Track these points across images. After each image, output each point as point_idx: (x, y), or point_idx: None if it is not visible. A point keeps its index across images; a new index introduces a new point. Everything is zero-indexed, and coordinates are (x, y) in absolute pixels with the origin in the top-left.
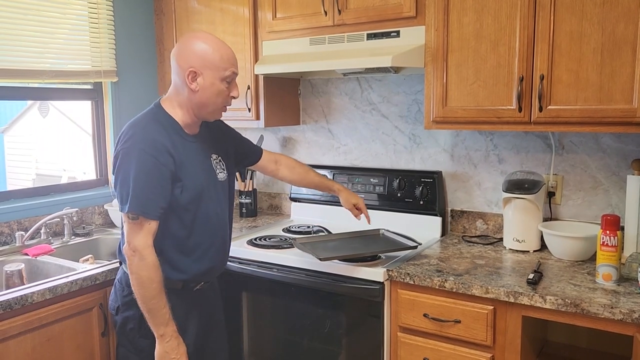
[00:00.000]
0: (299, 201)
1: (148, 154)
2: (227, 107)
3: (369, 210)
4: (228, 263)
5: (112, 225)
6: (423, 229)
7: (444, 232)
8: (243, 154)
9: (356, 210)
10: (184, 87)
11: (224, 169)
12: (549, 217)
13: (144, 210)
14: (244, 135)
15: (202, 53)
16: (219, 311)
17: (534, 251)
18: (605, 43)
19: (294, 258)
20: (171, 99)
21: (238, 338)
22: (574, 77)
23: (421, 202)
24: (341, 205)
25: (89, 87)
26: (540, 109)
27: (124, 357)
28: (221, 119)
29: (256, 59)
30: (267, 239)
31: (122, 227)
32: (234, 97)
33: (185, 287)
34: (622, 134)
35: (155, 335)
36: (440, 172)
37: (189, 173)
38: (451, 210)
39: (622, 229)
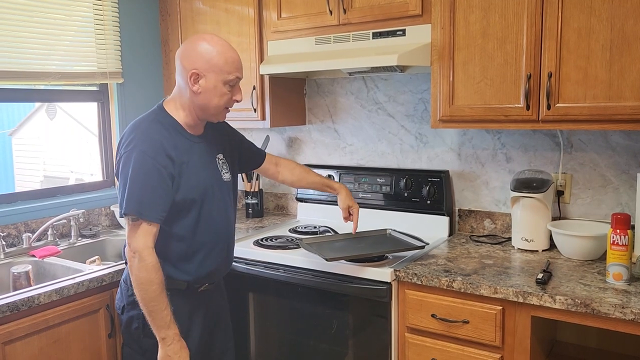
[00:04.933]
0: (305, 201)
1: (147, 156)
2: (230, 108)
3: (375, 210)
4: (234, 263)
5: (118, 226)
6: (430, 228)
7: (451, 232)
8: (247, 157)
9: (348, 213)
10: (187, 89)
11: (228, 170)
12: (558, 216)
13: (142, 212)
14: (249, 137)
15: (207, 55)
16: (225, 312)
17: (543, 251)
18: (615, 39)
19: (300, 258)
20: (175, 99)
21: (245, 338)
22: (583, 74)
23: (428, 202)
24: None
25: (94, 88)
26: (549, 107)
27: (129, 357)
28: (227, 120)
29: (261, 59)
30: (273, 240)
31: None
32: (237, 101)
33: (190, 288)
34: (632, 131)
35: (157, 339)
36: (447, 171)
37: (192, 174)
38: (458, 210)
39: (633, 227)
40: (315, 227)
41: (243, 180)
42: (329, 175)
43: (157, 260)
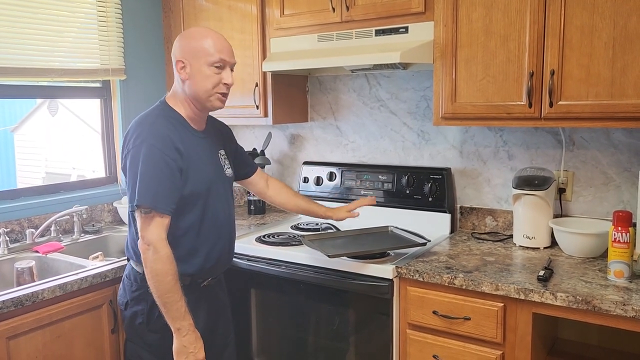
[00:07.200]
0: None
1: (157, 149)
2: (224, 95)
3: (377, 207)
4: (236, 260)
5: (121, 222)
6: (432, 225)
7: (453, 229)
8: (240, 166)
9: (351, 213)
10: (179, 80)
11: (230, 166)
12: (560, 214)
13: (155, 204)
14: (251, 134)
15: (189, 42)
16: (226, 306)
17: (545, 248)
18: (617, 37)
19: (302, 255)
20: (174, 94)
21: (247, 334)
22: (585, 72)
23: (430, 199)
24: (349, 202)
25: (97, 85)
26: (551, 105)
27: (133, 352)
28: (229, 117)
29: (264, 56)
30: (275, 236)
31: (130, 224)
32: (227, 84)
33: (193, 283)
34: (634, 129)
35: (172, 330)
36: (449, 168)
37: (198, 168)
38: (460, 207)
39: (634, 225)
40: (317, 224)
41: None
42: (331, 172)
43: (170, 252)
